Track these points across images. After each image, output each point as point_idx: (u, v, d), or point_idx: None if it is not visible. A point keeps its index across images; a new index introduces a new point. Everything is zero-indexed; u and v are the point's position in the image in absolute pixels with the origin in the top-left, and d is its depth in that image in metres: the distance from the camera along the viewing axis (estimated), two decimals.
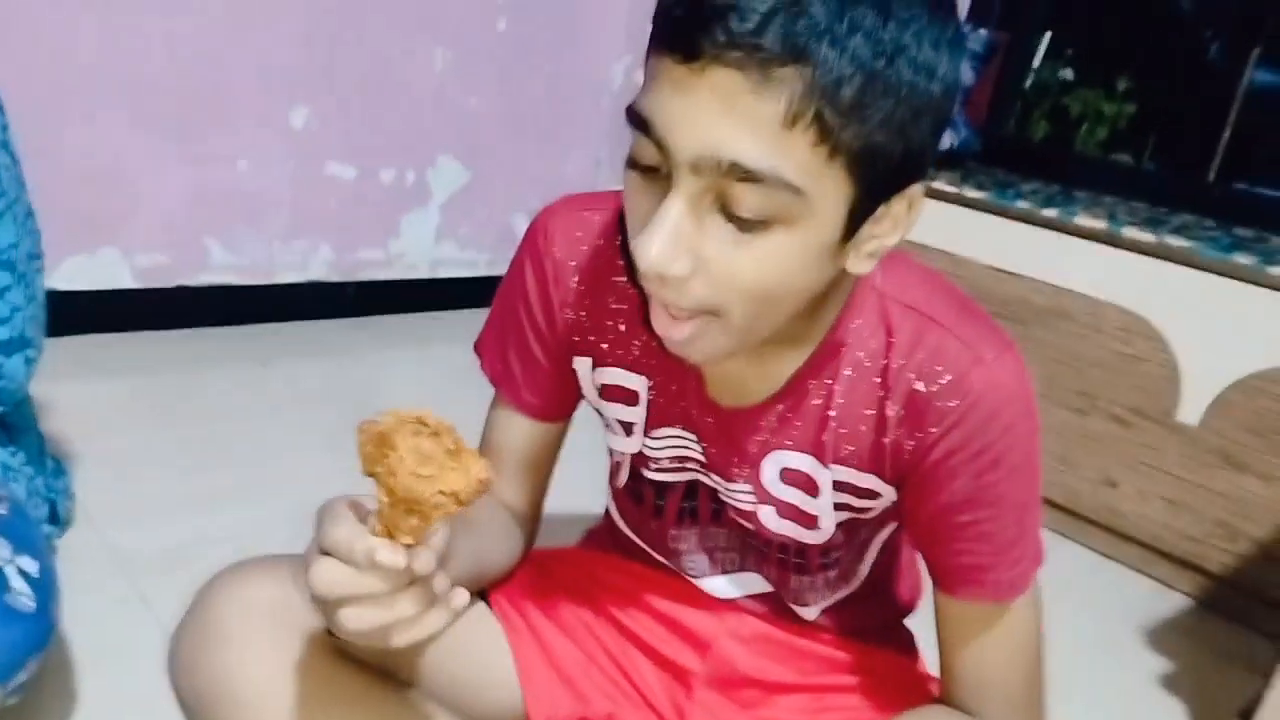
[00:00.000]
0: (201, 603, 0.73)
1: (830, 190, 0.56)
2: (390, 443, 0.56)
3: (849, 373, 0.72)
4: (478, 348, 0.89)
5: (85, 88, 1.87)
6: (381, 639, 0.59)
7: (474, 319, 0.89)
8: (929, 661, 0.88)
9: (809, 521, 0.79)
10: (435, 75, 2.36)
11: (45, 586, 0.91)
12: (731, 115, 0.53)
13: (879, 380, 0.71)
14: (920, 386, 0.69)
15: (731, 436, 0.78)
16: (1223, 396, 1.71)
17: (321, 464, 1.58)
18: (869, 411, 0.72)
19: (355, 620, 0.57)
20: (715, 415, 0.78)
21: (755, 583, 0.88)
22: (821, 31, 0.51)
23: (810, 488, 0.77)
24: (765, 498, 0.79)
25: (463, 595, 0.61)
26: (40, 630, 0.87)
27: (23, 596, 0.87)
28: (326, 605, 0.58)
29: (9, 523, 0.97)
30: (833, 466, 0.75)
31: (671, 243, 0.56)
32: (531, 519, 0.93)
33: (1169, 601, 1.79)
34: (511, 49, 2.46)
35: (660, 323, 0.62)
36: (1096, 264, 1.86)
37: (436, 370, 2.18)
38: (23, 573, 0.89)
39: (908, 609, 0.97)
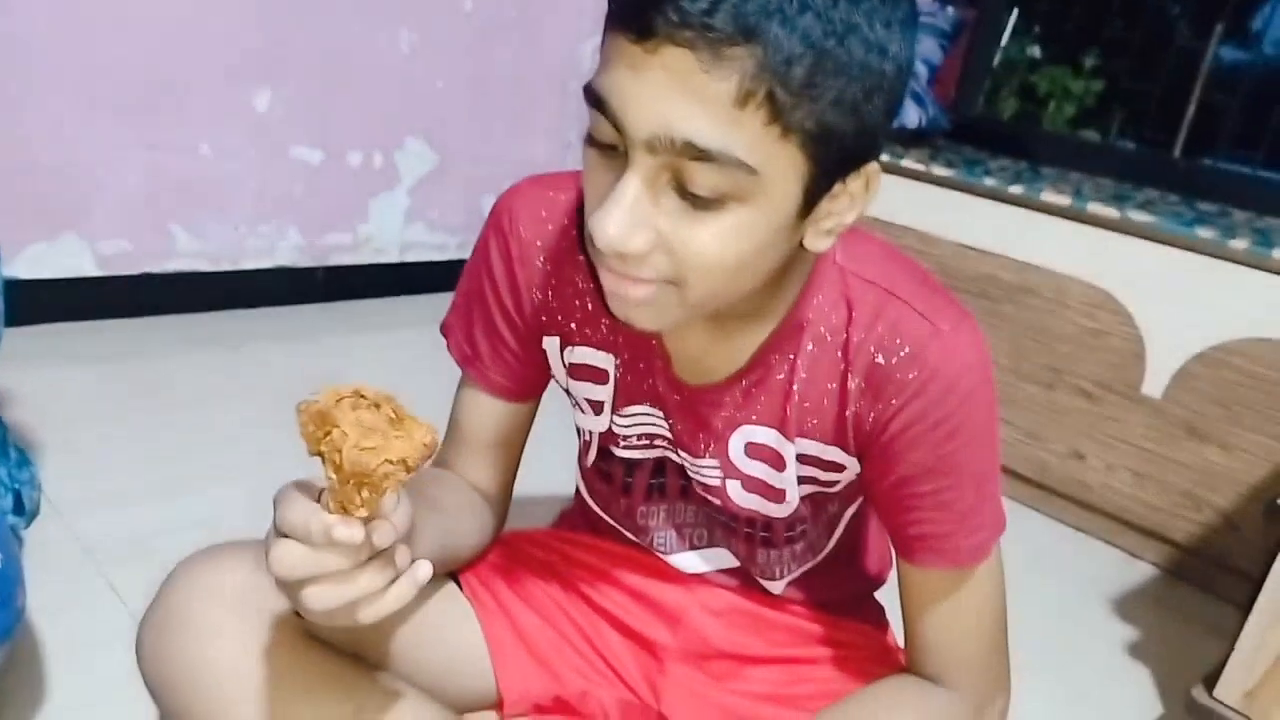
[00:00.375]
0: (168, 588, 0.73)
1: (785, 168, 0.56)
2: (331, 419, 0.55)
3: (811, 347, 0.73)
4: (444, 329, 0.88)
5: (43, 73, 1.84)
6: (347, 617, 0.59)
7: (444, 302, 0.89)
8: (898, 633, 0.89)
9: (775, 495, 0.80)
10: (401, 57, 2.33)
11: (9, 576, 0.90)
12: (684, 94, 0.53)
13: (840, 354, 0.72)
14: (880, 359, 0.70)
15: (697, 413, 0.78)
16: (1186, 369, 1.74)
17: (290, 450, 1.56)
18: (831, 385, 0.73)
19: (319, 599, 0.57)
20: (681, 392, 0.78)
21: (724, 557, 0.89)
22: (772, 11, 0.51)
23: (776, 461, 0.78)
24: (732, 472, 0.80)
25: (426, 567, 0.61)
26: (6, 620, 0.86)
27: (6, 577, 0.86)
28: (289, 587, 0.58)
29: None
30: (797, 440, 0.76)
31: (628, 220, 0.57)
32: (501, 500, 0.93)
33: (1136, 571, 1.82)
34: (478, 30, 2.43)
35: (612, 282, 0.62)
36: (1062, 240, 1.87)
37: (407, 353, 2.16)
38: None
39: (876, 581, 0.98)
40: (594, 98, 0.57)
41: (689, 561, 0.90)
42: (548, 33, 2.55)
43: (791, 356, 0.73)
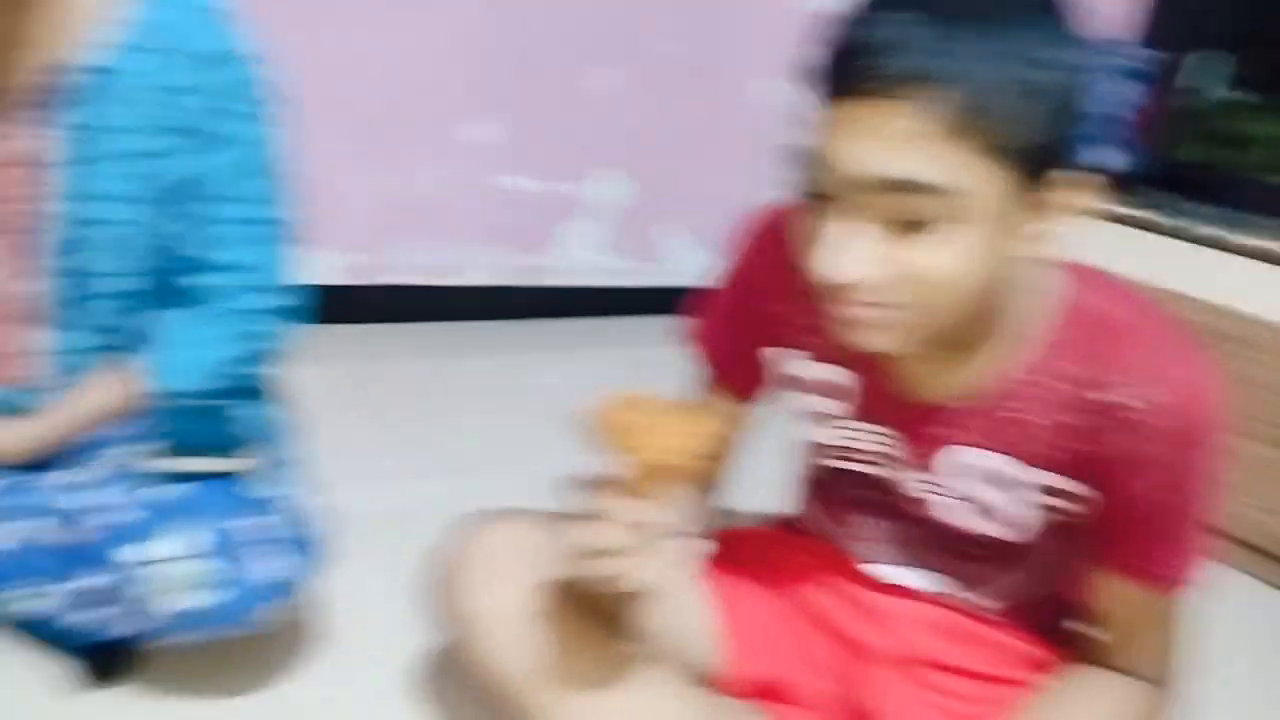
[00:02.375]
0: (459, 542, 0.86)
1: (988, 185, 0.63)
2: (627, 424, 0.64)
3: (1041, 378, 0.76)
4: (692, 336, 0.97)
5: (298, 104, 2.07)
6: (629, 584, 0.69)
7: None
8: None
9: (999, 517, 0.83)
10: (602, 94, 2.49)
11: (314, 521, 1.06)
12: (895, 138, 0.61)
13: (1071, 388, 0.75)
14: (1112, 398, 0.73)
15: (922, 431, 0.83)
16: None
17: (490, 440, 1.83)
18: (1059, 418, 0.76)
19: (616, 569, 0.67)
20: (909, 410, 0.83)
21: (929, 575, 0.92)
22: (958, 52, 0.59)
23: (1001, 485, 0.81)
24: (952, 491, 0.84)
25: (700, 543, 0.71)
26: (317, 556, 1.02)
27: (308, 529, 1.03)
28: (592, 560, 0.68)
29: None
30: (1028, 468, 0.79)
31: (853, 257, 0.64)
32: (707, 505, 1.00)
33: None
34: (676, 70, 2.57)
35: (840, 310, 0.69)
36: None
37: (594, 371, 2.29)
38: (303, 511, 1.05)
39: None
40: (811, 156, 0.66)
41: (897, 574, 0.93)
42: (742, 75, 2.66)
43: (1020, 385, 0.77)
